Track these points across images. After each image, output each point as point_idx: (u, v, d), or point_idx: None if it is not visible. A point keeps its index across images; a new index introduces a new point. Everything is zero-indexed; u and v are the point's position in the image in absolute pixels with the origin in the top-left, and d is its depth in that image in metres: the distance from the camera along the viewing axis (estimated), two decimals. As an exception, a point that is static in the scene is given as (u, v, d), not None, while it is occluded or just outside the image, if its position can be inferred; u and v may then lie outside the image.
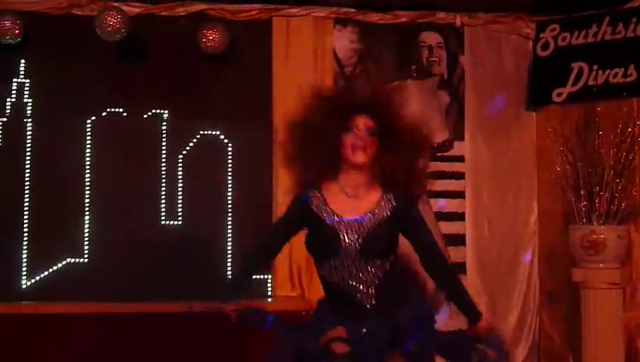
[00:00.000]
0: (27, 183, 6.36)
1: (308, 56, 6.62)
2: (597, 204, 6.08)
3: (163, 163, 6.51)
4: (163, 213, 6.48)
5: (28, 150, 6.37)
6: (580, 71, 6.53)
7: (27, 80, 6.41)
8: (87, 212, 6.41)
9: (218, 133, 6.55)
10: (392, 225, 3.68)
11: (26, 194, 6.35)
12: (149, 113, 6.52)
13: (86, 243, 6.39)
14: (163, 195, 6.49)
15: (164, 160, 6.51)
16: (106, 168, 6.43)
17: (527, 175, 6.85)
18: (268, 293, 6.47)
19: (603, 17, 6.49)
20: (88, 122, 6.45)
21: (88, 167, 6.43)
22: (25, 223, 6.33)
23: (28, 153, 6.37)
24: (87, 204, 6.41)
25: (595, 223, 6.08)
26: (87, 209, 6.42)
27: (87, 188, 6.42)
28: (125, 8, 6.27)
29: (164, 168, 6.51)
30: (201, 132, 6.54)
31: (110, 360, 5.90)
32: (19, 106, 6.39)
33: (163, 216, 6.49)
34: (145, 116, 6.51)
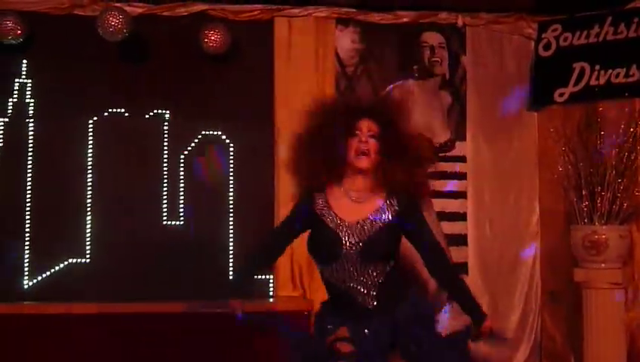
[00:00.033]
0: (29, 183, 6.36)
1: (309, 56, 6.61)
2: (599, 204, 6.08)
3: (165, 163, 6.51)
4: (165, 213, 6.49)
5: (30, 150, 6.37)
6: (582, 71, 6.52)
7: (29, 80, 6.41)
8: (88, 212, 6.41)
9: (220, 134, 6.55)
10: (394, 230, 3.69)
11: (28, 194, 6.35)
12: (151, 113, 6.52)
13: (88, 243, 6.39)
14: (165, 195, 6.49)
15: (165, 160, 6.51)
16: (108, 168, 6.43)
17: (528, 175, 6.84)
18: (270, 293, 6.47)
19: (605, 17, 6.48)
20: (90, 122, 6.45)
21: (90, 168, 6.42)
22: (27, 223, 6.33)
23: (30, 153, 6.37)
24: (88, 205, 6.41)
25: (597, 223, 6.08)
26: (88, 209, 6.41)
27: (88, 188, 6.42)
28: (127, 8, 6.26)
29: (165, 168, 6.51)
30: (202, 132, 6.54)
31: (112, 360, 5.91)
32: (21, 106, 6.39)
33: (165, 216, 6.49)
34: (147, 116, 6.51)
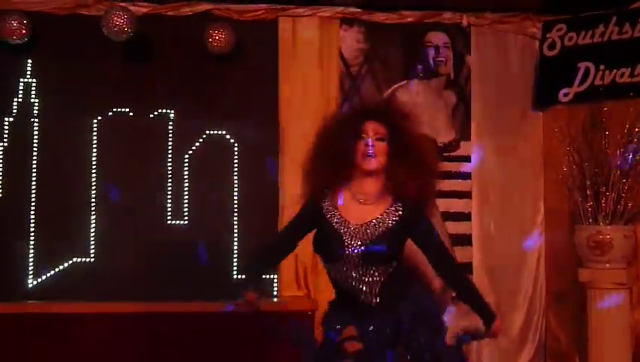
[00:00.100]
0: (33, 183, 6.36)
1: (314, 56, 6.61)
2: (603, 204, 6.07)
3: (169, 163, 6.50)
4: (169, 213, 6.49)
5: (34, 150, 6.38)
6: (587, 71, 6.52)
7: (33, 80, 6.42)
8: (93, 211, 6.42)
9: (224, 133, 6.55)
10: (397, 235, 3.69)
11: (33, 193, 6.35)
12: (156, 113, 6.52)
13: (92, 242, 6.39)
14: (169, 195, 6.49)
15: (170, 160, 6.51)
16: (112, 168, 6.44)
17: (533, 175, 6.83)
18: (274, 293, 6.47)
19: (610, 17, 6.48)
20: (94, 122, 6.45)
21: (94, 167, 6.43)
22: (31, 223, 6.34)
23: (34, 153, 6.38)
24: (93, 204, 6.42)
25: (602, 223, 6.07)
26: (93, 208, 6.42)
27: (93, 187, 6.43)
28: (132, 8, 6.26)
29: (170, 168, 6.51)
30: (207, 132, 6.54)
31: (116, 360, 5.91)
32: (25, 106, 6.40)
33: (169, 216, 6.49)
34: (151, 116, 6.51)
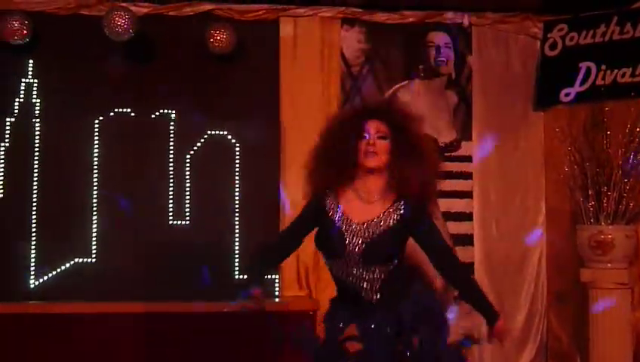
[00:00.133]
0: (35, 183, 6.36)
1: (315, 56, 6.61)
2: (605, 204, 6.07)
3: (171, 163, 6.50)
4: (171, 213, 6.49)
5: (36, 150, 6.38)
6: (588, 71, 6.52)
7: (35, 80, 6.42)
8: (94, 212, 6.42)
9: (226, 133, 6.55)
10: (398, 234, 3.69)
11: (34, 194, 6.35)
12: (157, 113, 6.52)
13: (94, 243, 6.39)
14: (171, 195, 6.49)
15: (171, 160, 6.50)
16: (114, 168, 6.44)
17: (534, 175, 6.83)
18: (275, 293, 6.46)
19: (611, 17, 6.48)
20: (96, 122, 6.45)
21: (96, 167, 6.43)
22: (33, 223, 6.33)
23: (36, 153, 6.38)
24: (94, 204, 6.42)
25: (603, 223, 6.07)
26: (94, 209, 6.42)
27: (95, 188, 6.43)
28: (133, 8, 6.27)
29: (171, 168, 6.50)
30: (208, 132, 6.54)
31: (118, 360, 5.92)
32: (27, 106, 6.40)
33: (171, 216, 6.49)
34: (153, 116, 6.51)
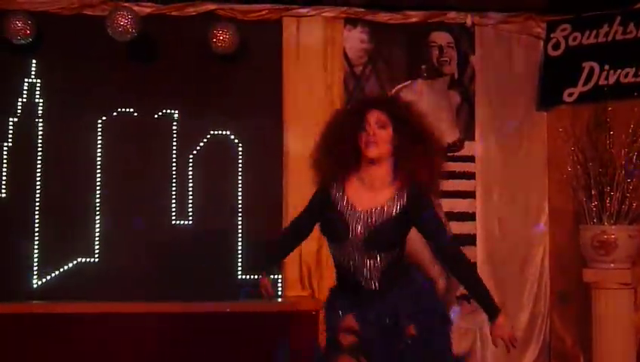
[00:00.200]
0: (38, 183, 6.37)
1: (318, 56, 6.62)
2: (608, 204, 6.05)
3: (173, 163, 6.51)
4: (173, 213, 6.49)
5: (39, 150, 6.39)
6: (591, 71, 6.51)
7: (38, 80, 6.43)
8: (97, 212, 6.43)
9: (228, 133, 6.56)
10: (400, 223, 3.72)
11: (37, 193, 6.36)
12: (160, 113, 6.53)
13: (97, 243, 6.40)
14: (173, 195, 6.50)
15: (174, 160, 6.52)
16: (117, 168, 6.45)
17: (537, 175, 6.82)
18: (278, 293, 6.46)
19: (614, 17, 6.47)
20: (99, 122, 6.46)
21: (99, 167, 6.44)
22: (36, 223, 6.35)
23: (39, 153, 6.39)
24: (97, 204, 6.43)
25: (606, 223, 6.05)
26: (97, 209, 6.43)
27: (97, 188, 6.43)
28: (136, 8, 6.27)
29: (174, 168, 6.51)
30: (211, 132, 6.55)
31: (121, 360, 5.92)
32: (30, 106, 6.41)
33: (173, 216, 6.49)
34: (155, 116, 6.52)
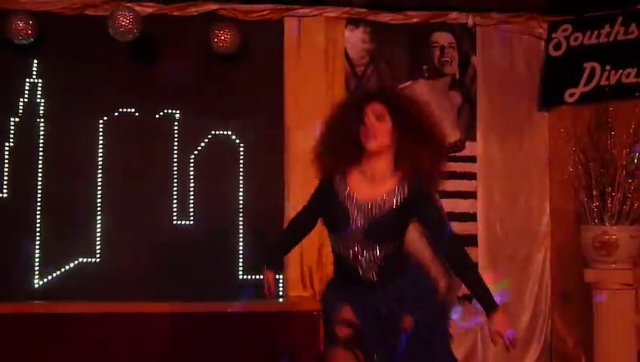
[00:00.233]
0: (39, 183, 6.37)
1: (319, 56, 6.61)
2: (609, 205, 6.05)
3: (175, 163, 6.52)
4: (175, 213, 6.49)
5: (40, 150, 6.39)
6: (593, 71, 6.51)
7: (40, 80, 6.43)
8: (99, 212, 6.43)
9: (230, 133, 6.56)
10: (400, 215, 3.73)
11: (39, 193, 6.36)
12: (161, 113, 6.53)
13: (98, 243, 6.40)
14: (175, 195, 6.50)
15: (175, 160, 6.52)
16: (118, 168, 6.45)
17: (539, 175, 6.82)
18: (280, 294, 6.46)
19: (616, 17, 6.47)
20: (100, 122, 6.47)
21: (100, 167, 6.44)
22: (37, 223, 6.35)
23: (40, 153, 6.39)
24: (99, 204, 6.43)
25: (607, 223, 6.05)
26: (99, 209, 6.43)
27: (99, 187, 6.44)
28: (137, 8, 6.27)
29: (175, 168, 6.52)
30: (212, 132, 6.55)
31: (123, 360, 5.92)
32: (31, 106, 6.41)
33: (175, 216, 6.50)
34: (157, 116, 6.53)
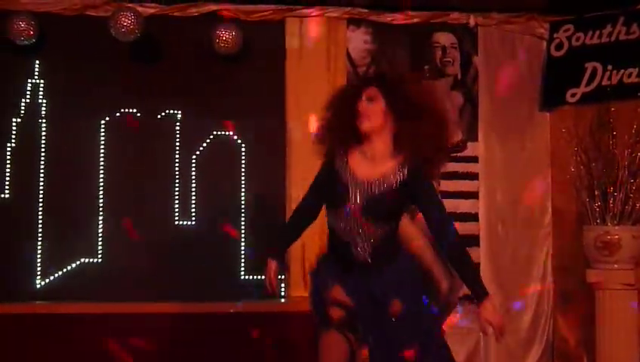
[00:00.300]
0: (41, 183, 6.37)
1: (321, 56, 6.61)
2: (611, 205, 6.05)
3: (176, 163, 6.51)
4: (176, 213, 6.49)
5: (42, 150, 6.39)
6: (594, 71, 6.51)
7: (41, 80, 6.43)
8: (101, 212, 6.43)
9: (231, 134, 6.56)
10: (397, 196, 3.79)
11: (41, 194, 6.36)
12: (163, 113, 6.53)
13: (100, 243, 6.40)
14: (176, 195, 6.50)
15: (177, 160, 6.52)
16: (120, 168, 6.45)
17: (540, 175, 6.83)
18: (281, 293, 6.46)
19: (617, 17, 6.47)
20: (102, 122, 6.47)
21: (102, 168, 6.44)
22: (39, 223, 6.35)
23: (42, 153, 6.39)
24: (100, 204, 6.43)
25: (610, 224, 6.04)
26: (101, 209, 6.43)
27: (101, 188, 6.44)
28: (139, 9, 6.27)
29: (177, 168, 6.52)
30: (214, 132, 6.55)
31: (124, 360, 5.91)
32: (33, 107, 6.41)
33: (176, 216, 6.50)
34: (158, 116, 6.53)
